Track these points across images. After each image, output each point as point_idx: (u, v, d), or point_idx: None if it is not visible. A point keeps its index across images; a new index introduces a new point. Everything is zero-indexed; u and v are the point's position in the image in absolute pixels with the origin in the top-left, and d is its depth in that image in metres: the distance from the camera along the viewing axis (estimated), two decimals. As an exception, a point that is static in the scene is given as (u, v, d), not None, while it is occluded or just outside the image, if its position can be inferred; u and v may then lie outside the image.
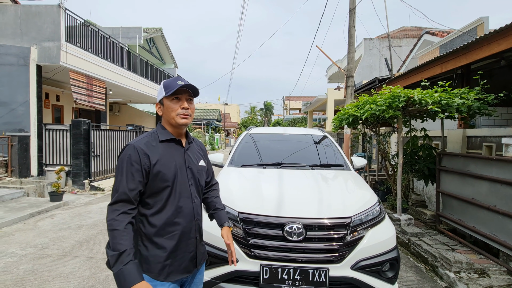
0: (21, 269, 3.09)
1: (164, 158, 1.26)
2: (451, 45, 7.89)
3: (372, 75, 12.33)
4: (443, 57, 4.60)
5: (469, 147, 4.51)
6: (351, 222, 2.03)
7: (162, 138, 1.30)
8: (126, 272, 1.02)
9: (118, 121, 15.38)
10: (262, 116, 49.69)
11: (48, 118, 9.99)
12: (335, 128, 6.53)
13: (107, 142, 8.31)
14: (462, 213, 3.65)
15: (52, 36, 7.12)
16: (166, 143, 1.31)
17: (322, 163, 3.12)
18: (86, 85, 8.19)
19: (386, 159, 5.40)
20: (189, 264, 1.31)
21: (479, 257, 3.17)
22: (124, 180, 1.17)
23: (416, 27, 15.14)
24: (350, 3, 7.72)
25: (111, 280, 2.85)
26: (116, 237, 1.08)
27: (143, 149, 1.22)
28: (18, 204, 5.52)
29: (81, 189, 7.33)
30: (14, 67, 6.96)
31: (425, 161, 4.46)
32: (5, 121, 6.94)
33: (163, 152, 1.27)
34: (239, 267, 1.97)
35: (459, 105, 3.55)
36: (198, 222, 1.35)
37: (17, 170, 6.78)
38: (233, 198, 2.23)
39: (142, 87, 11.88)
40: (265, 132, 3.95)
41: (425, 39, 10.47)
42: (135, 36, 13.34)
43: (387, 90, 4.00)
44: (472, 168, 3.50)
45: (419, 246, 3.55)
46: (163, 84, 1.32)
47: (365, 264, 1.96)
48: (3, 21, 7.18)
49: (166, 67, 17.03)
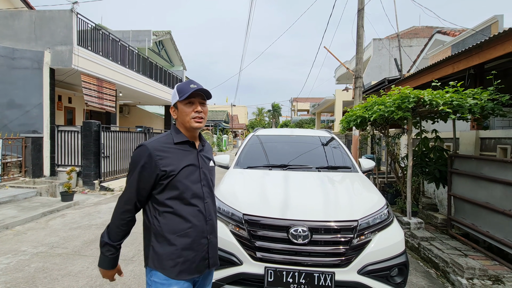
0: (32, 267, 3.16)
1: (178, 159, 1.30)
2: (464, 44, 7.69)
3: (381, 76, 12.15)
4: (455, 57, 4.49)
5: (483, 149, 4.37)
6: (357, 225, 1.99)
7: (176, 140, 1.34)
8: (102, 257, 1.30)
9: (128, 122, 15.65)
10: (269, 117, 49.62)
11: (61, 120, 10.25)
12: (343, 130, 6.46)
13: (116, 143, 8.46)
14: (475, 218, 3.53)
15: (64, 40, 7.32)
16: (181, 145, 1.35)
17: (329, 165, 3.08)
18: (97, 88, 8.38)
19: (395, 161, 5.29)
20: (200, 264, 1.31)
21: (493, 263, 3.06)
22: (135, 181, 1.25)
23: (427, 26, 14.85)
24: (359, 3, 7.64)
25: (118, 280, 2.88)
26: (112, 229, 1.28)
27: (156, 151, 1.26)
28: (31, 203, 5.67)
29: (91, 189, 7.47)
30: (28, 71, 7.18)
31: (436, 164, 4.35)
32: (20, 122, 7.16)
33: (177, 153, 1.31)
34: (244, 270, 1.96)
35: (471, 106, 3.45)
36: (210, 223, 1.36)
37: (30, 171, 6.97)
38: (238, 200, 2.22)
39: (151, 89, 12.06)
40: (271, 133, 3.93)
41: (436, 39, 10.24)
42: (144, 39, 13.57)
43: (396, 90, 3.92)
44: (485, 171, 3.38)
45: (429, 251, 3.46)
46: (176, 88, 1.35)
47: (372, 268, 1.92)
48: (19, 26, 7.43)
49: (175, 69, 17.25)
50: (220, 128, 32.63)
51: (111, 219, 1.29)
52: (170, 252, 1.25)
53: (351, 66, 14.30)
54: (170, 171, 1.25)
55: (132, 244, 3.83)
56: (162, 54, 16.90)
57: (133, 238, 3.99)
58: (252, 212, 2.08)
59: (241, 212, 2.09)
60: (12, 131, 7.02)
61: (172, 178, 1.26)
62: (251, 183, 2.65)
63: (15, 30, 7.41)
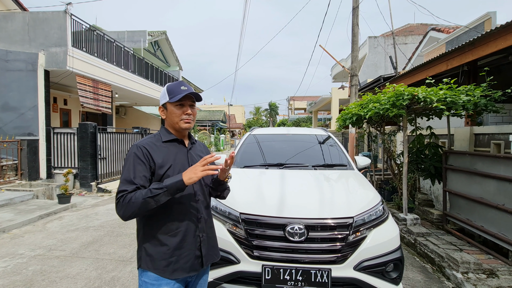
0: (30, 270, 3.16)
1: (167, 157, 1.31)
2: (458, 41, 7.75)
3: (377, 74, 12.21)
4: (449, 54, 4.53)
5: (477, 145, 4.42)
6: (353, 222, 2.01)
7: (165, 138, 1.35)
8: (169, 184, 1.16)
9: (124, 123, 15.58)
10: (267, 116, 49.65)
11: (56, 122, 10.19)
12: (339, 128, 6.49)
13: (113, 144, 8.42)
14: (470, 213, 3.58)
15: (59, 42, 7.26)
16: (170, 143, 1.36)
17: (325, 163, 3.10)
18: (92, 89, 8.33)
19: (391, 158, 5.34)
20: (194, 262, 1.32)
21: (487, 257, 3.10)
22: (131, 172, 1.22)
23: (421, 24, 14.93)
24: (354, 2, 7.67)
25: (117, 281, 2.89)
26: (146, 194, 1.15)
27: (146, 149, 1.28)
28: (28, 206, 5.63)
29: (89, 191, 7.44)
30: (23, 73, 7.12)
31: (431, 160, 4.39)
32: (15, 125, 7.10)
33: (166, 151, 1.32)
34: (241, 268, 1.97)
35: (465, 103, 3.49)
36: (202, 220, 1.36)
37: (26, 173, 6.93)
38: (235, 199, 2.23)
39: (147, 89, 12.01)
40: (268, 132, 3.94)
41: (431, 36, 10.31)
42: (140, 39, 13.49)
43: (390, 88, 3.95)
44: (479, 166, 3.43)
45: (425, 246, 3.50)
46: (166, 88, 1.35)
47: (368, 264, 1.95)
48: (12, 28, 7.35)
49: (171, 70, 17.19)
50: (218, 128, 32.57)
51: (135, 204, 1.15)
52: (162, 252, 1.25)
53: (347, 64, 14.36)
54: (160, 166, 1.27)
55: (130, 245, 3.83)
56: (158, 55, 16.82)
57: (131, 240, 3.99)
58: (249, 211, 2.09)
59: (238, 211, 2.11)
60: (7, 134, 6.97)
61: (161, 176, 1.26)
62: (248, 182, 2.66)
63: (8, 32, 7.34)
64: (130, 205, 1.14)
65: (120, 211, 1.17)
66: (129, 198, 1.15)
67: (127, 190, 1.17)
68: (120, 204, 1.16)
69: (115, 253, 3.61)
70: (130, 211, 1.15)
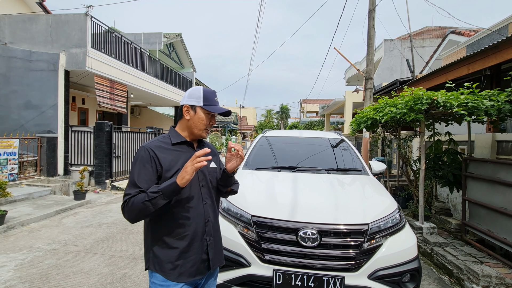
0: (46, 263, 3.25)
1: (175, 160, 1.29)
2: (479, 44, 7.46)
3: (393, 77, 11.94)
4: (470, 57, 4.35)
5: (499, 153, 4.22)
6: (368, 229, 1.95)
7: (174, 141, 1.34)
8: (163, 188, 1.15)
9: (139, 123, 15.92)
10: (278, 119, 49.52)
11: (74, 120, 10.53)
12: (353, 132, 6.37)
13: (128, 143, 8.61)
14: (491, 223, 3.41)
15: (79, 43, 7.52)
16: (178, 146, 1.34)
17: (339, 167, 3.04)
18: (109, 89, 8.56)
19: (407, 164, 5.18)
20: (201, 266, 1.30)
21: (511, 271, 2.94)
22: (135, 175, 1.23)
23: (440, 26, 14.51)
24: (370, 4, 7.54)
25: (128, 278, 2.92)
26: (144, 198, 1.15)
27: (154, 151, 1.26)
28: (45, 201, 5.83)
29: (103, 188, 7.63)
30: (44, 73, 7.41)
31: (449, 167, 4.23)
32: (36, 123, 7.39)
33: (174, 154, 1.31)
34: (252, 271, 1.95)
35: (488, 108, 3.34)
36: (210, 224, 1.35)
37: (45, 169, 7.18)
38: (246, 201, 2.21)
39: (161, 90, 12.24)
40: (280, 135, 3.91)
41: (450, 39, 9.98)
42: (155, 41, 13.79)
43: (408, 92, 3.84)
44: (502, 175, 3.26)
45: (443, 257, 3.36)
46: (203, 92, 1.34)
47: (383, 274, 1.88)
48: (36, 30, 7.68)
49: (185, 71, 17.44)
50: (229, 130, 32.75)
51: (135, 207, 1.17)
52: (169, 255, 1.25)
53: (362, 68, 14.13)
54: (166, 169, 1.25)
55: (142, 243, 3.88)
56: (172, 56, 17.13)
57: (142, 238, 4.04)
58: (260, 214, 2.07)
59: (250, 214, 2.09)
60: (28, 131, 7.26)
61: (168, 178, 1.24)
62: (260, 185, 2.64)
63: (32, 33, 7.68)
64: (132, 209, 1.16)
65: (125, 215, 1.20)
66: (132, 202, 1.17)
67: (130, 194, 1.19)
68: (125, 208, 1.19)
69: (127, 250, 3.67)
70: (133, 215, 1.17)
